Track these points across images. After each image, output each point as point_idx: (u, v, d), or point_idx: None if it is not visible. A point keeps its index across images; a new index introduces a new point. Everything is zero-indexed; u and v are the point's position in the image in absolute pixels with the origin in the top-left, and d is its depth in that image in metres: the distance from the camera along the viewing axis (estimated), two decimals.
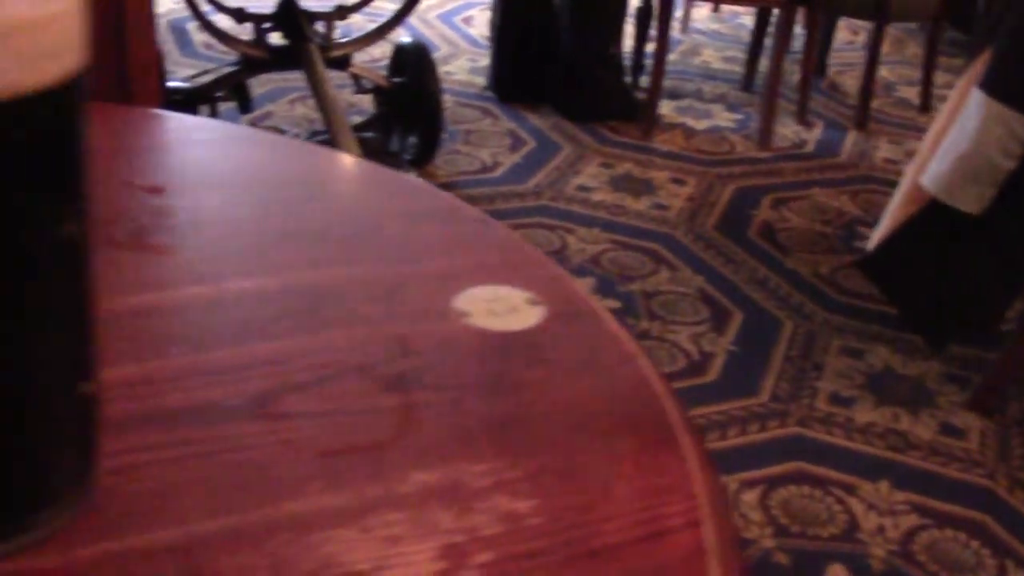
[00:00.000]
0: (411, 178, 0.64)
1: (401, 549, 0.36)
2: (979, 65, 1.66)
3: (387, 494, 0.38)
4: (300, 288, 0.51)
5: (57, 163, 0.29)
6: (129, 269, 0.50)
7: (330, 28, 2.37)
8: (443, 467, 0.40)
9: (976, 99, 1.62)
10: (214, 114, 2.38)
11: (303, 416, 0.42)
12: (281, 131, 2.65)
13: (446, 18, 3.91)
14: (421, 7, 2.63)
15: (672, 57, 3.48)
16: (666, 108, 3.11)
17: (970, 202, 1.66)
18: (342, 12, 2.39)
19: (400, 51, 2.56)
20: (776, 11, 2.98)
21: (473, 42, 3.62)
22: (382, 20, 2.53)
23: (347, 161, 0.65)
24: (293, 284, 0.51)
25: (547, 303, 0.51)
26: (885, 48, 3.49)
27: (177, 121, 0.73)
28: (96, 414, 0.35)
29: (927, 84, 3.21)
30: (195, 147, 0.66)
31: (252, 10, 2.37)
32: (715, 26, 4.03)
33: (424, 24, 3.78)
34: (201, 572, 0.34)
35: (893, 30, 3.92)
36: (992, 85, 1.59)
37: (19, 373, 0.31)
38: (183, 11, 2.88)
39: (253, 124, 2.74)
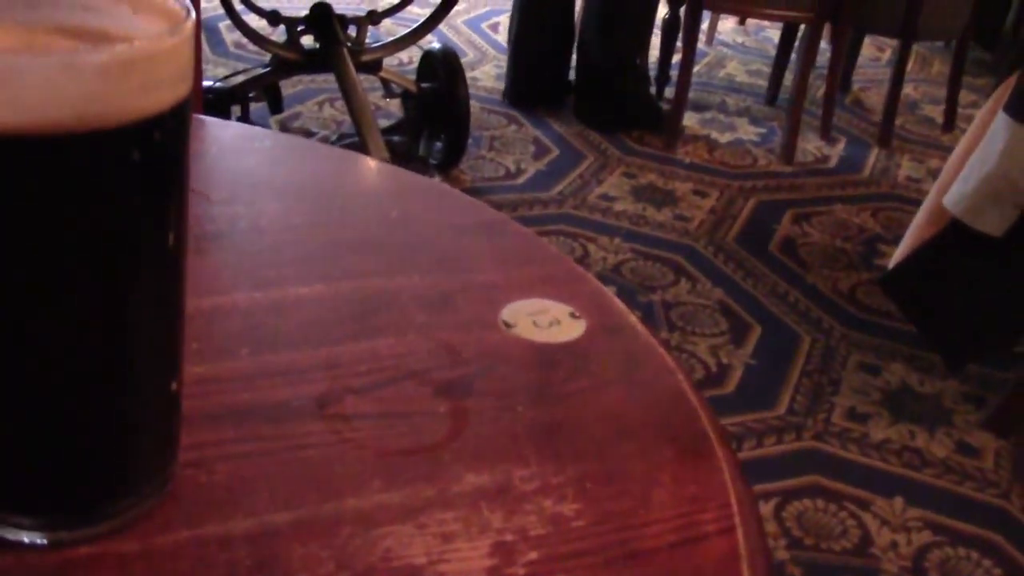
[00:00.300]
0: (458, 193, 0.66)
1: (455, 546, 0.39)
2: (1006, 88, 1.67)
3: (441, 494, 0.41)
4: (355, 295, 0.54)
5: (167, 180, 0.32)
6: (196, 273, 0.53)
7: (362, 32, 2.41)
8: (492, 470, 0.42)
9: (1002, 122, 1.63)
10: (245, 113, 2.42)
11: (362, 417, 0.45)
12: (310, 132, 2.69)
13: (473, 24, 3.95)
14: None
15: (697, 69, 3.50)
16: (690, 120, 3.13)
17: (992, 224, 1.67)
18: (374, 17, 2.42)
19: (429, 56, 2.59)
20: (803, 26, 3.00)
21: (500, 48, 3.65)
22: (412, 25, 2.56)
23: (396, 174, 0.67)
24: (348, 291, 0.54)
25: (588, 317, 0.54)
26: (910, 66, 3.50)
27: (230, 129, 0.76)
28: (179, 410, 0.38)
29: (952, 103, 3.22)
30: (250, 156, 0.69)
31: (286, 13, 2.40)
32: (741, 39, 4.05)
33: (451, 29, 3.81)
34: (274, 561, 0.37)
35: (918, 48, 3.92)
36: (1018, 109, 1.60)
37: (123, 371, 0.34)
38: (215, 10, 2.92)
39: (283, 125, 2.78)
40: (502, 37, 3.78)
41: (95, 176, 0.30)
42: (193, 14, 0.32)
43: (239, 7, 2.34)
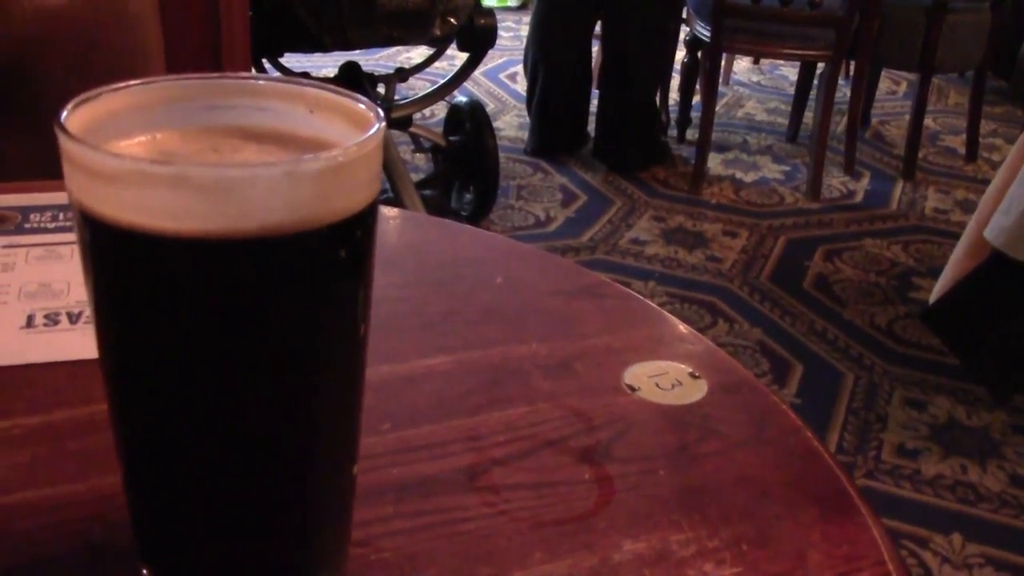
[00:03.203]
0: (554, 256, 0.68)
1: None
2: None
3: (604, 563, 0.42)
4: (479, 365, 0.55)
5: (363, 273, 0.34)
6: None
7: (390, 90, 2.44)
8: (648, 536, 0.43)
9: None
10: None
11: (511, 488, 0.46)
12: None
13: (491, 75, 3.99)
14: None
15: (716, 110, 3.53)
16: (713, 161, 3.15)
17: None
18: (402, 74, 2.46)
19: (456, 110, 2.63)
20: (821, 64, 3.03)
21: (519, 98, 3.69)
22: (436, 80, 2.60)
23: (492, 239, 0.69)
24: (472, 361, 0.55)
25: (707, 376, 0.55)
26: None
27: None
28: (354, 493, 0.39)
29: (973, 133, 3.24)
30: None
31: (315, 74, 2.44)
32: (756, 78, 4.09)
33: (470, 81, 3.86)
34: None
35: (935, 80, 3.95)
36: None
37: (316, 457, 0.35)
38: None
39: None
40: (520, 87, 3.82)
41: (305, 273, 0.31)
42: (383, 115, 0.34)
43: (268, 68, 2.38)
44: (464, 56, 2.47)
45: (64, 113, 0.32)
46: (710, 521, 0.44)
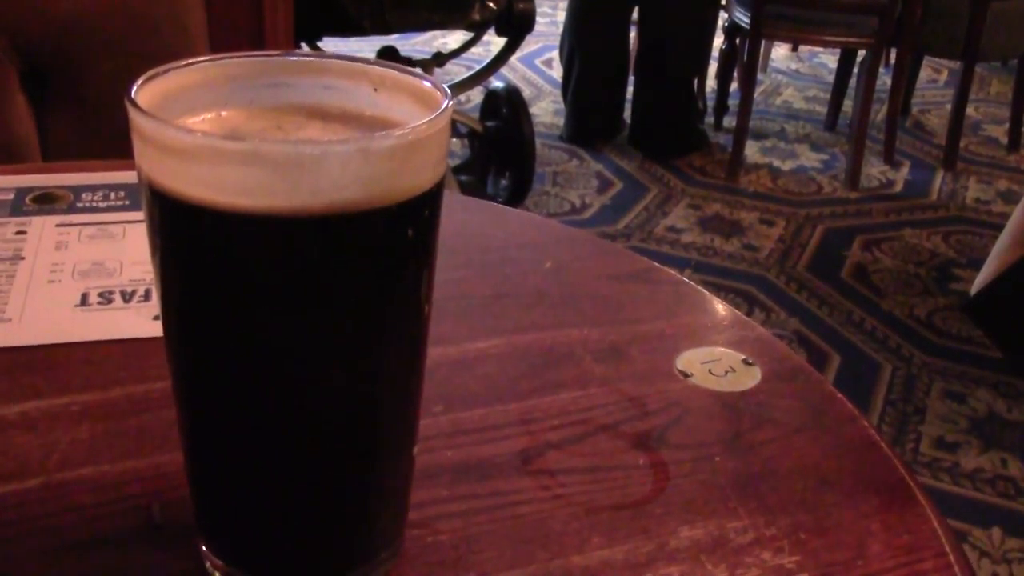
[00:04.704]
0: (601, 240, 0.67)
1: None
2: None
3: (661, 549, 0.41)
4: (531, 349, 0.54)
5: (427, 254, 0.33)
6: None
7: (428, 75, 2.44)
8: (705, 523, 0.43)
9: None
10: None
11: (566, 473, 0.45)
12: None
13: (527, 61, 3.98)
14: None
15: (754, 97, 3.50)
16: (750, 149, 3.13)
17: None
18: (440, 59, 2.45)
19: (493, 95, 2.62)
20: (862, 51, 2.99)
21: (555, 84, 3.67)
22: (473, 66, 2.59)
23: (541, 223, 0.68)
24: (524, 345, 0.55)
25: (761, 363, 0.54)
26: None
27: None
28: (412, 473, 0.39)
29: (1016, 122, 3.19)
30: None
31: None
32: (794, 65, 4.04)
33: (506, 67, 3.84)
34: None
35: (976, 68, 3.89)
36: None
37: (380, 438, 0.35)
38: None
39: None
40: (556, 73, 3.80)
41: (373, 251, 0.31)
42: (450, 94, 0.33)
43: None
44: (500, 42, 2.46)
45: (134, 88, 0.32)
46: (767, 509, 0.44)
